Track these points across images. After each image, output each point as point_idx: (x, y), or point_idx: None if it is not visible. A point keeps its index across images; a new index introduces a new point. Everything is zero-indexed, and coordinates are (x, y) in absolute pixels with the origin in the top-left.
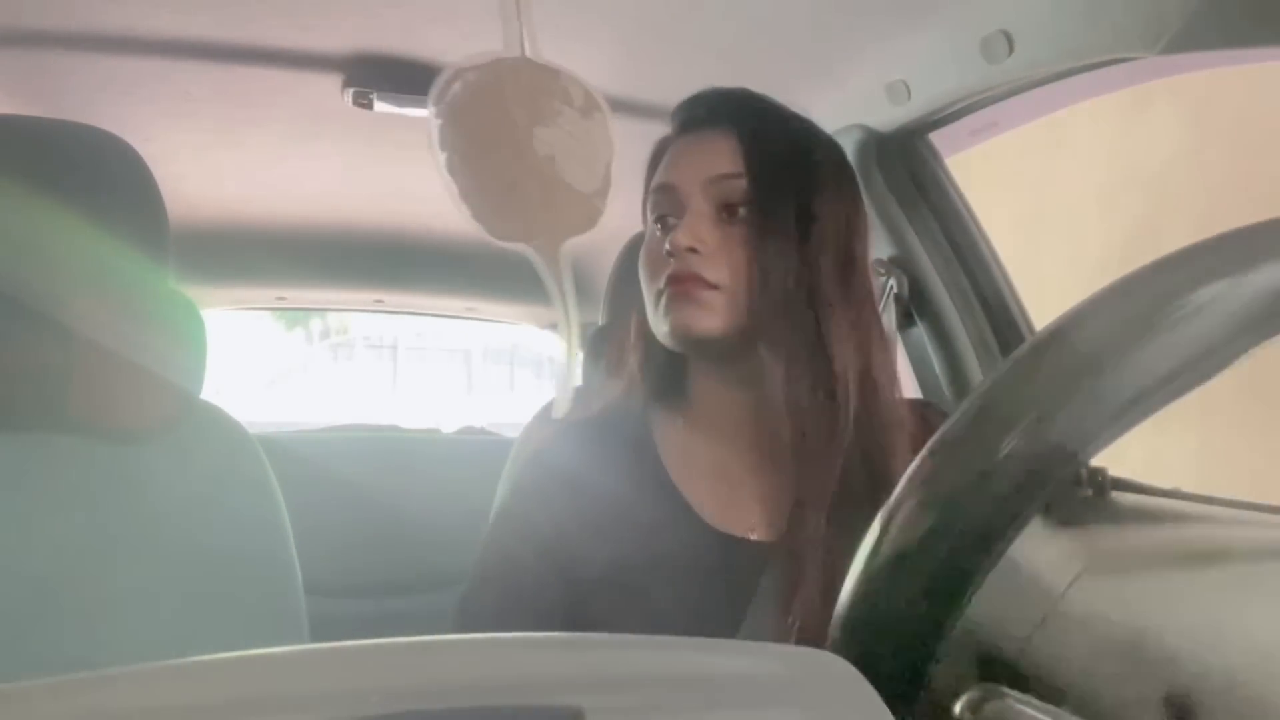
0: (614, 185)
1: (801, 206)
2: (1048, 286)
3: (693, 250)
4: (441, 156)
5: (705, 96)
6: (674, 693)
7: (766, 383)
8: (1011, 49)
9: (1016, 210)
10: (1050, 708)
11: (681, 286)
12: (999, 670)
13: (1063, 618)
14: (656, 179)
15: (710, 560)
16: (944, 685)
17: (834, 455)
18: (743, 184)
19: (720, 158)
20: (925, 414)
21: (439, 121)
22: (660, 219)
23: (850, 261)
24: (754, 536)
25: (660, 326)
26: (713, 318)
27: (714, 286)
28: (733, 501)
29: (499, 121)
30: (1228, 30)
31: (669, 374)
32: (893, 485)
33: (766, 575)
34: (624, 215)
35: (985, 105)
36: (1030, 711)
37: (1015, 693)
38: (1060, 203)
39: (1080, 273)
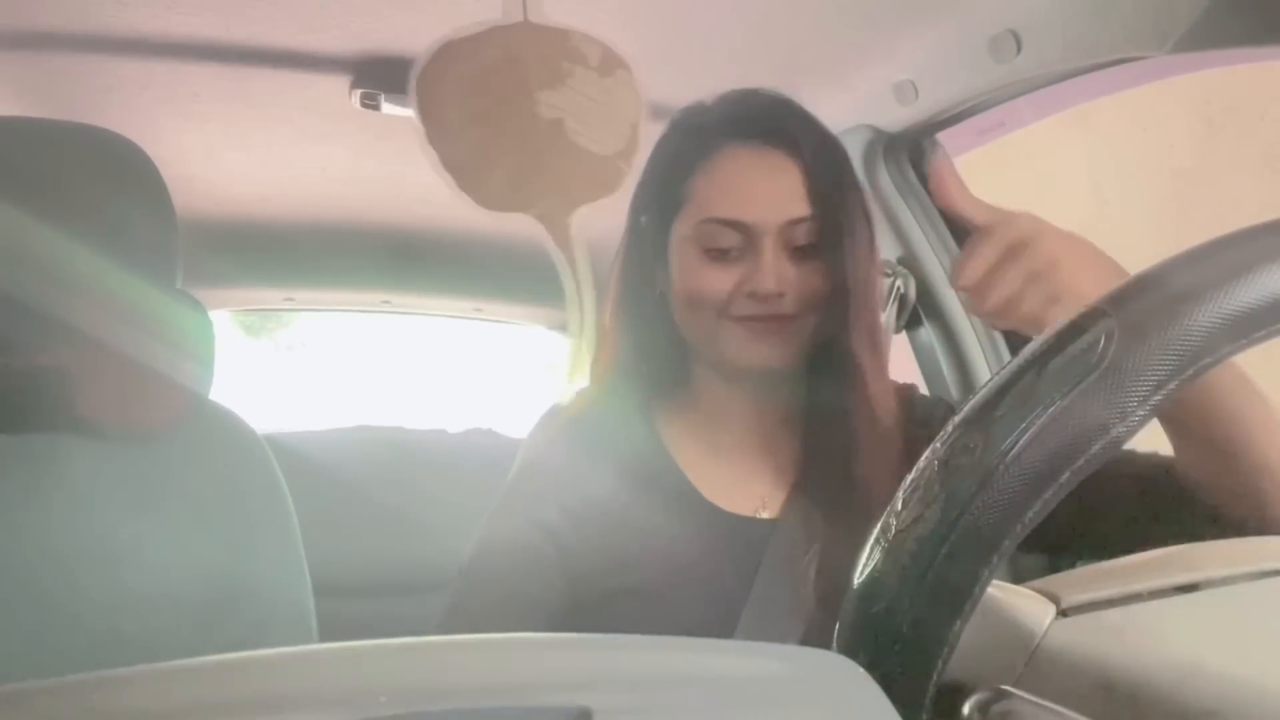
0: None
1: (850, 234)
2: None
3: (780, 295)
4: (422, 129)
5: (759, 106)
6: (682, 693)
7: (782, 384)
8: (1019, 48)
9: None
10: (1058, 708)
11: (765, 325)
12: None
13: (1044, 661)
14: (719, 213)
15: (719, 541)
16: (951, 686)
17: (842, 440)
18: (813, 226)
19: (793, 199)
20: (909, 396)
21: (417, 95)
22: (718, 250)
23: (871, 268)
24: (764, 514)
25: (730, 354)
26: (789, 350)
27: (792, 320)
28: (741, 483)
29: (492, 89)
30: (1238, 28)
31: (671, 369)
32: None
33: (769, 549)
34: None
35: (993, 105)
36: (1038, 712)
37: (1023, 693)
38: None
39: None
